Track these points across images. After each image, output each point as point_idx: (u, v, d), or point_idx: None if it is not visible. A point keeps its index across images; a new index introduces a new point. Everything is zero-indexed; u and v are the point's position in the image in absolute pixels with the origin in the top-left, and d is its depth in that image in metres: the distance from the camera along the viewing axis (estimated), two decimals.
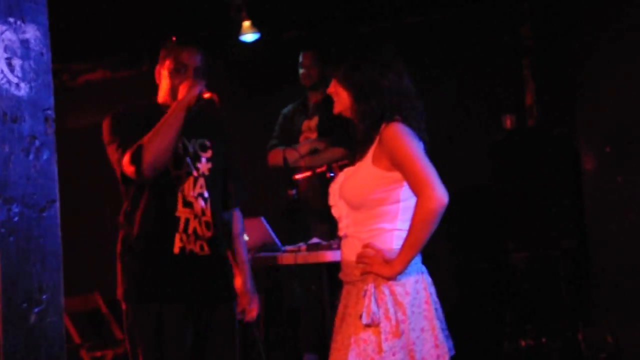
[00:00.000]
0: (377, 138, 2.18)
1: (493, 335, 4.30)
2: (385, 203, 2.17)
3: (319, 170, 3.89)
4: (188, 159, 2.59)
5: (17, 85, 1.81)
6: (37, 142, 1.81)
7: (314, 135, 4.26)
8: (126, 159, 2.47)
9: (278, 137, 4.38)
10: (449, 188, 2.08)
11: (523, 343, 4.04)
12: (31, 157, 1.79)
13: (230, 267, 2.73)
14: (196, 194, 2.57)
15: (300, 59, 4.31)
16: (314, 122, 4.30)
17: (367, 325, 2.08)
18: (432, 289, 2.20)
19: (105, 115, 2.71)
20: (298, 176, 4.01)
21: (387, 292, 2.11)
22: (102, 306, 5.68)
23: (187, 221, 2.55)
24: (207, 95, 2.49)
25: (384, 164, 2.16)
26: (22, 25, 1.84)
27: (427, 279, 2.19)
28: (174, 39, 2.68)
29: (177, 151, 2.55)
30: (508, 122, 4.53)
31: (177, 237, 2.54)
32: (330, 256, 3.47)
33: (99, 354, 5.27)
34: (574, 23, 4.14)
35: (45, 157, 1.83)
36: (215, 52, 5.55)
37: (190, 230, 2.55)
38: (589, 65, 4.05)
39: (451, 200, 2.07)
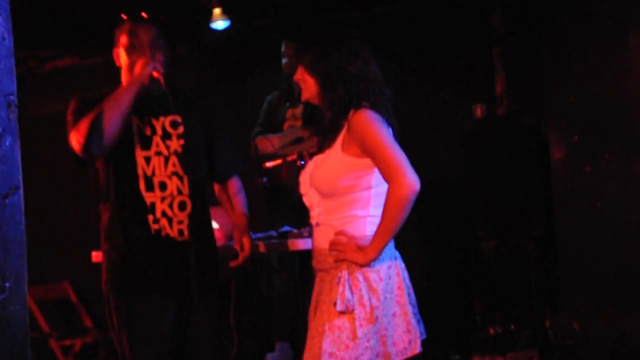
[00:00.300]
0: (346, 125, 2.17)
1: (462, 322, 4.34)
2: (357, 190, 2.17)
3: (289, 158, 3.87)
4: (157, 139, 2.52)
5: None
6: None
7: (298, 124, 4.22)
8: (72, 135, 2.42)
9: (262, 124, 4.33)
10: (420, 176, 2.08)
11: (492, 331, 4.08)
12: None
13: (215, 254, 2.64)
14: (169, 173, 2.50)
15: (283, 48, 4.26)
16: (299, 110, 4.26)
17: (342, 312, 2.08)
18: (405, 274, 2.21)
19: (70, 100, 2.65)
20: (269, 164, 3.98)
21: (361, 278, 2.11)
22: (71, 295, 5.63)
23: (152, 204, 2.48)
24: (154, 74, 2.43)
25: (354, 150, 2.16)
26: None
27: (400, 265, 2.20)
28: (124, 16, 2.59)
29: (143, 131, 2.49)
30: (479, 111, 4.54)
31: (150, 219, 2.48)
32: (302, 244, 3.45)
33: (68, 342, 5.23)
34: (545, 13, 4.16)
35: (7, 143, 1.79)
36: (186, 39, 5.51)
37: (158, 214, 2.48)
38: (559, 55, 4.07)
39: (422, 188, 2.07)
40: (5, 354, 1.64)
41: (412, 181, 2.06)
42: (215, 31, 5.03)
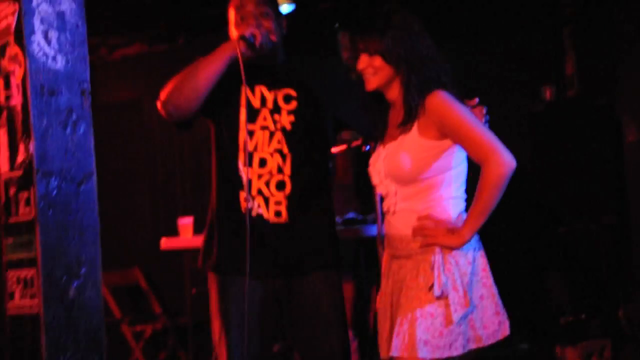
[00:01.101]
0: (421, 109, 2.14)
1: (532, 310, 4.26)
2: (438, 173, 2.13)
3: (354, 144, 3.84)
4: (265, 112, 2.36)
5: (54, 57, 1.79)
6: (74, 116, 1.80)
7: None
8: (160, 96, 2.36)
9: None
10: None
11: (562, 319, 3.99)
12: (68, 130, 1.78)
13: (332, 235, 2.42)
14: (272, 150, 2.34)
15: (340, 39, 4.19)
16: None
17: (438, 298, 2.04)
18: (486, 257, 2.16)
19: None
20: (334, 150, 3.96)
21: (453, 262, 2.07)
22: (142, 281, 5.72)
23: (248, 182, 2.32)
24: (258, 39, 2.26)
25: (432, 133, 2.12)
26: None
27: (481, 247, 2.16)
28: None
29: (252, 103, 2.36)
30: (548, 94, 4.44)
31: (242, 196, 2.32)
32: (368, 231, 3.43)
33: (139, 328, 5.31)
34: None
35: (82, 130, 1.82)
36: None
37: (253, 191, 2.33)
38: (631, 34, 3.93)
39: None
40: (81, 338, 1.68)
41: (508, 159, 2.03)
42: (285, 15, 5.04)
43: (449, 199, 2.14)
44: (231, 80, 2.31)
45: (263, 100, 2.37)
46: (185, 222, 4.47)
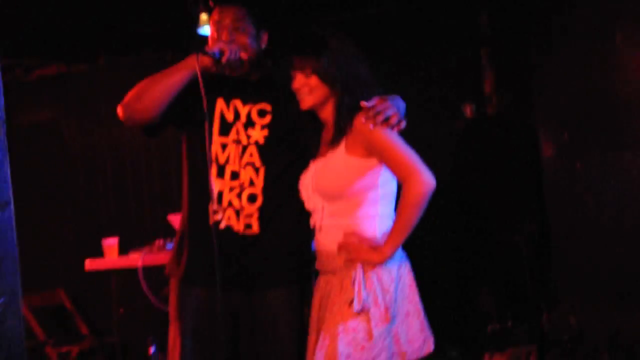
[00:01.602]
0: (349, 128, 2.18)
1: (459, 319, 4.34)
2: (365, 190, 2.17)
3: None
4: (239, 126, 2.37)
5: None
6: None
7: None
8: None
9: None
10: None
11: (489, 327, 4.09)
12: None
13: (297, 247, 2.39)
14: (244, 163, 2.35)
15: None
16: None
17: (357, 313, 2.07)
18: (412, 273, 2.20)
19: None
20: None
21: (374, 278, 2.11)
22: (66, 302, 5.63)
23: (219, 194, 2.33)
24: (242, 55, 2.29)
25: (359, 151, 2.16)
26: None
27: (407, 264, 2.20)
28: (211, 3, 2.44)
29: (225, 116, 2.37)
30: (468, 111, 4.56)
31: (211, 209, 2.33)
32: None
33: (65, 349, 5.22)
34: (531, 12, 4.17)
35: None
36: (174, 45, 5.50)
37: (224, 203, 2.34)
38: (547, 54, 4.08)
39: None
40: None
41: (428, 178, 2.08)
42: (203, 36, 5.03)
43: (375, 217, 2.18)
44: (205, 92, 2.30)
45: (236, 114, 2.38)
46: (110, 243, 4.43)
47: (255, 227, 2.33)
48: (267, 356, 2.35)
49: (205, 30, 4.98)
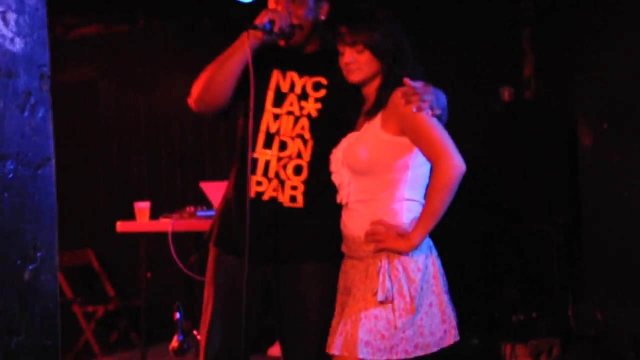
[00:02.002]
0: (388, 102, 2.17)
1: (484, 307, 4.34)
2: (393, 170, 2.15)
3: None
4: (293, 97, 2.36)
5: (12, 40, 1.78)
6: (32, 99, 1.79)
7: None
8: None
9: None
10: None
11: (514, 317, 4.08)
12: (26, 114, 1.77)
13: (334, 227, 2.31)
14: (294, 134, 2.34)
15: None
16: None
17: (381, 302, 2.07)
18: (439, 262, 2.20)
19: None
20: None
21: (400, 268, 2.09)
22: (94, 262, 5.72)
23: (266, 163, 2.33)
24: (293, 21, 2.25)
25: (393, 128, 2.15)
26: None
27: (434, 253, 2.18)
28: None
29: (280, 87, 2.36)
30: (506, 95, 4.52)
31: (254, 180, 2.33)
32: None
33: (90, 309, 5.33)
34: None
35: (40, 114, 1.81)
36: (212, 12, 5.51)
37: (270, 174, 2.33)
38: (588, 40, 4.03)
39: None
40: (36, 321, 1.68)
41: (458, 163, 2.06)
42: (241, 4, 5.03)
43: (403, 201, 2.16)
44: (263, 64, 2.33)
45: (292, 86, 2.37)
46: (142, 206, 4.48)
47: (300, 201, 2.32)
48: (295, 332, 2.35)
49: None
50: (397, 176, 2.15)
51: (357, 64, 2.20)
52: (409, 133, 2.13)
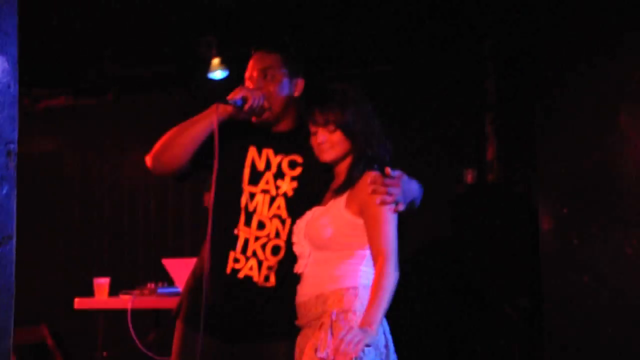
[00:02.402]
0: (356, 182, 2.21)
1: None
2: (353, 247, 2.18)
3: None
4: (269, 176, 2.38)
5: None
6: None
7: None
8: None
9: None
10: (411, 240, 2.10)
11: None
12: None
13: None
14: (271, 215, 2.34)
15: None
16: None
17: (321, 359, 2.04)
18: (389, 336, 2.19)
19: None
20: None
21: (345, 326, 2.08)
22: (48, 340, 5.57)
23: (245, 241, 2.33)
24: (263, 104, 2.29)
25: (354, 209, 2.18)
26: None
27: (385, 324, 2.19)
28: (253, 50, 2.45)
29: (256, 165, 2.37)
30: (469, 177, 4.59)
31: (232, 256, 2.33)
32: None
33: None
34: (538, 83, 4.24)
35: (4, 191, 1.80)
36: (185, 87, 5.57)
37: (248, 252, 2.33)
38: (551, 126, 4.14)
39: (411, 249, 2.09)
40: None
41: (391, 270, 2.09)
42: (213, 80, 5.10)
43: (357, 271, 2.18)
44: (239, 139, 2.36)
45: (267, 164, 2.38)
46: (102, 282, 4.41)
47: (272, 281, 2.32)
48: None
49: (216, 74, 5.05)
50: (355, 253, 2.19)
51: (330, 143, 2.24)
52: (365, 219, 2.16)
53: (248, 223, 2.34)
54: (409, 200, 2.24)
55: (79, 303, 4.36)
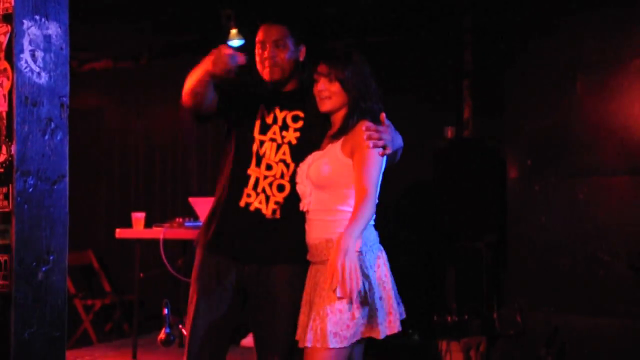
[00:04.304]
0: (351, 128, 2.21)
1: (425, 310, 4.38)
2: (345, 186, 2.19)
3: None
4: (275, 127, 2.38)
5: (39, 74, 1.79)
6: (52, 124, 1.80)
7: None
8: None
9: None
10: (399, 187, 2.11)
11: (449, 319, 4.12)
12: (47, 137, 1.78)
13: (304, 235, 2.32)
14: (278, 159, 2.36)
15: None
16: None
17: (340, 298, 2.08)
18: (388, 264, 2.22)
19: None
20: None
21: (355, 268, 2.09)
22: (94, 262, 5.65)
23: (256, 180, 2.36)
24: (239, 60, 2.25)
25: (347, 151, 2.19)
26: (46, 22, 1.81)
27: (384, 256, 2.22)
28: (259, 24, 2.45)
29: (265, 119, 2.40)
30: (449, 133, 4.59)
31: (245, 192, 2.35)
32: None
33: (89, 302, 5.28)
34: (508, 53, 4.21)
35: (58, 137, 1.81)
36: (204, 53, 5.52)
37: (259, 189, 2.36)
38: (517, 90, 4.12)
39: (399, 195, 2.10)
40: (46, 315, 1.67)
41: (369, 206, 2.09)
42: (232, 48, 5.06)
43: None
44: (251, 100, 2.40)
45: (274, 119, 2.40)
46: (138, 216, 4.46)
47: (279, 214, 2.34)
48: (266, 324, 2.34)
49: (234, 42, 5.00)
50: (348, 192, 2.19)
51: (328, 92, 2.23)
52: (354, 159, 2.17)
53: (258, 164, 2.38)
54: (395, 148, 2.25)
55: (119, 233, 4.41)
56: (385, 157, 2.20)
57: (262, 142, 2.39)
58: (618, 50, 3.71)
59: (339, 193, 2.19)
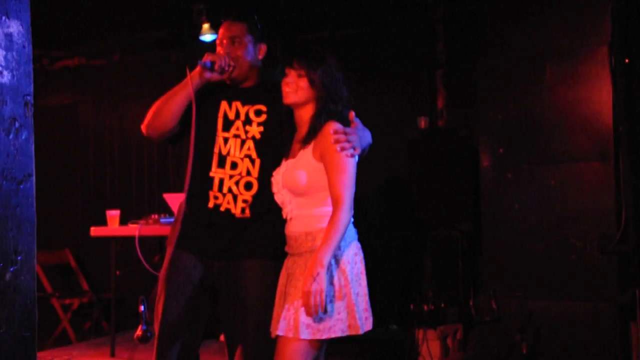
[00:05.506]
0: (319, 131, 2.20)
1: (401, 299, 4.41)
2: (325, 189, 2.17)
3: None
4: (238, 123, 2.38)
5: (1, 73, 1.75)
6: (17, 124, 1.76)
7: None
8: None
9: None
10: (373, 178, 2.11)
11: (425, 307, 4.15)
12: (11, 136, 1.74)
13: (277, 232, 2.31)
14: (243, 155, 2.36)
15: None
16: None
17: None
18: (364, 262, 2.23)
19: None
20: None
21: (333, 261, 2.11)
22: (71, 261, 5.61)
23: (221, 181, 2.35)
24: (209, 59, 2.28)
25: (317, 156, 2.18)
26: (7, 20, 1.78)
27: (361, 254, 2.22)
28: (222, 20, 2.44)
29: (228, 115, 2.38)
30: (422, 123, 4.60)
31: (211, 195, 2.35)
32: None
33: (67, 301, 5.24)
34: (479, 44, 4.23)
35: (24, 136, 1.78)
36: (179, 49, 5.50)
37: (224, 189, 2.35)
38: (488, 80, 4.15)
39: (374, 186, 2.10)
40: (15, 316, 1.65)
41: (345, 216, 2.09)
42: (204, 42, 5.04)
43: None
44: (212, 97, 2.38)
45: (237, 113, 2.39)
46: (113, 214, 4.42)
47: (247, 213, 2.34)
48: (235, 320, 2.34)
49: (206, 37, 4.98)
50: (326, 194, 2.18)
51: (295, 85, 2.22)
52: (325, 164, 2.16)
53: (222, 165, 2.36)
54: (364, 146, 2.25)
55: (94, 231, 4.37)
56: (356, 156, 2.20)
57: (225, 140, 2.38)
58: (585, 39, 3.75)
59: (318, 196, 2.19)
